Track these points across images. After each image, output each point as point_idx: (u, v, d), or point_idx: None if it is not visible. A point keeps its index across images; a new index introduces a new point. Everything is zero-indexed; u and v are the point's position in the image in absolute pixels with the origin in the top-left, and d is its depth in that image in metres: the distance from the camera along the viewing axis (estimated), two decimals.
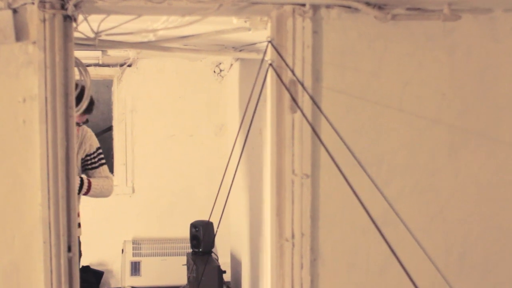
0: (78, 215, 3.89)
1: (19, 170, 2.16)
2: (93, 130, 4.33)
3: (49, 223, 2.14)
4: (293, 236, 2.30)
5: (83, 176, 4.10)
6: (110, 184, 4.30)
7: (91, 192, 4.10)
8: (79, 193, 3.97)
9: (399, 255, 1.90)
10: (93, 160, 4.22)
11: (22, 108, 2.15)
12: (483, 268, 2.48)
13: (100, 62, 5.92)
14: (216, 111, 6.52)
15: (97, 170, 4.23)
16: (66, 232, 2.17)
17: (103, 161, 4.30)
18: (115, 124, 6.41)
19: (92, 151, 4.21)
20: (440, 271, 2.38)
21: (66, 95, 2.16)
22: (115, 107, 6.43)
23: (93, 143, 4.24)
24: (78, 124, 3.94)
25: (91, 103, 3.73)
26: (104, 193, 4.23)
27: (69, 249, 2.20)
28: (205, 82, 6.47)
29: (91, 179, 4.13)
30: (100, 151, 4.30)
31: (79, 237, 3.93)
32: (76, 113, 2.22)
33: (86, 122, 4.08)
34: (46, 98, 2.12)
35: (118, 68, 6.27)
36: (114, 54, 5.54)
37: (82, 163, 4.18)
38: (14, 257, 2.19)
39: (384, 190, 2.33)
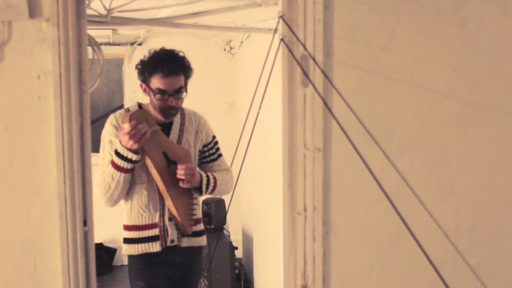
0: (199, 221, 3.61)
1: (34, 145, 2.18)
2: (103, 110, 4.28)
3: (65, 197, 2.17)
4: (305, 210, 2.32)
5: (210, 174, 3.47)
6: (232, 177, 3.62)
7: (216, 190, 3.48)
8: (206, 193, 3.45)
9: (410, 227, 1.92)
10: (211, 151, 3.59)
11: (36, 84, 2.17)
12: (493, 241, 2.49)
13: (111, 41, 5.96)
14: (227, 89, 6.54)
15: (216, 162, 3.59)
16: (81, 206, 2.20)
17: (220, 151, 3.66)
18: (126, 103, 6.43)
19: (209, 141, 3.57)
20: (452, 243, 2.40)
21: (80, 71, 2.18)
22: (126, 86, 6.45)
23: (209, 130, 3.58)
24: (175, 109, 3.35)
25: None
26: (228, 190, 3.57)
27: (85, 223, 2.23)
28: (216, 60, 6.48)
29: (215, 175, 3.50)
30: (216, 139, 3.64)
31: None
32: (90, 89, 2.25)
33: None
34: (60, 74, 2.14)
35: (128, 47, 6.29)
36: (125, 32, 5.56)
37: (199, 155, 3.56)
38: (30, 231, 2.22)
39: (395, 164, 2.34)
